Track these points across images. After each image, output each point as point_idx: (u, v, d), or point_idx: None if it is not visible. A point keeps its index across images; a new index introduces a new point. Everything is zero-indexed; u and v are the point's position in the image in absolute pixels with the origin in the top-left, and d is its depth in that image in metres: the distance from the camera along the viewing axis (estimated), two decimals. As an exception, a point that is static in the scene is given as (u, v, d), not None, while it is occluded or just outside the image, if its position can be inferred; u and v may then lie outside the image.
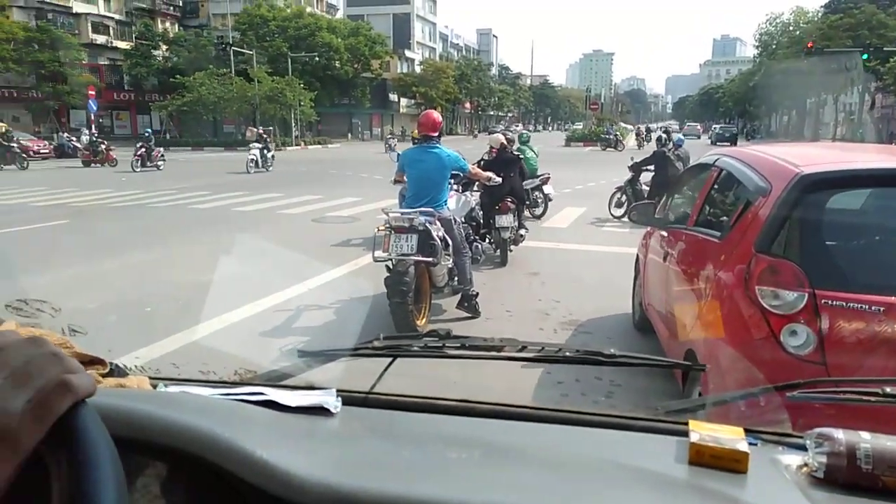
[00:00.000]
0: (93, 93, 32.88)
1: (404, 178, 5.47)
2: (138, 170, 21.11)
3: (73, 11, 46.97)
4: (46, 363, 0.46)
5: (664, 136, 11.76)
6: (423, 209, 4.94)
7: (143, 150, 21.83)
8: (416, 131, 7.08)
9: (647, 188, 10.54)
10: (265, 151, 21.74)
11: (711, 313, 2.82)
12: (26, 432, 0.43)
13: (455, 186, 5.99)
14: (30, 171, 21.88)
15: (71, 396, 0.46)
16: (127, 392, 0.92)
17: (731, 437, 0.89)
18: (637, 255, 5.17)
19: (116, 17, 51.00)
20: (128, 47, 48.39)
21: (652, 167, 10.51)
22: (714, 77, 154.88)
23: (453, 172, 5.42)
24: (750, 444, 0.89)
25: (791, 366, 2.31)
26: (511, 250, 7.35)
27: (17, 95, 41.64)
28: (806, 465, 0.87)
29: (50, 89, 40.67)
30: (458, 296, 5.45)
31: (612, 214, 11.02)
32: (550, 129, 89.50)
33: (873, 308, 2.24)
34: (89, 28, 47.87)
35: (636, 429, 1.00)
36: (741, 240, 2.68)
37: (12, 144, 22.75)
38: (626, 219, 10.47)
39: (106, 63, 48.43)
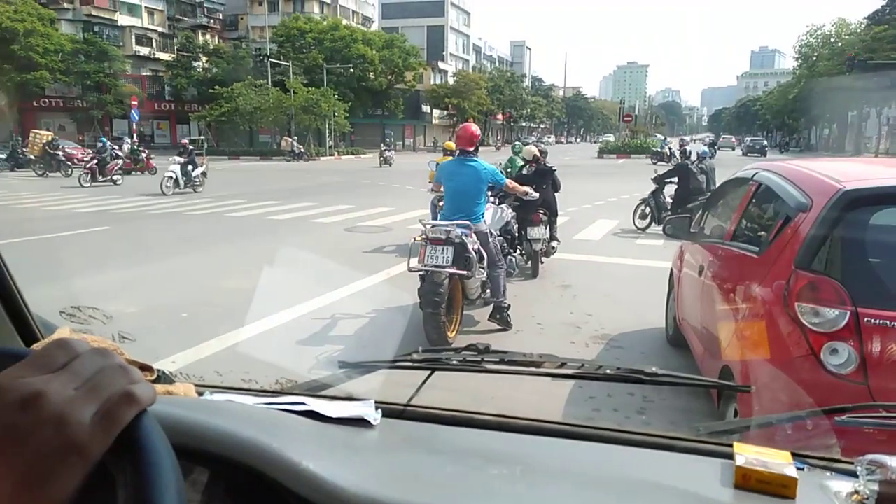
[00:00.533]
0: (135, 103, 33.85)
1: (441, 188, 5.50)
2: (87, 185, 18.35)
3: (119, 24, 48.62)
4: (114, 374, 0.48)
5: (687, 148, 11.98)
6: (459, 222, 4.96)
7: (95, 162, 19.05)
8: (452, 143, 7.11)
9: (671, 200, 10.61)
10: (189, 168, 17.09)
11: (749, 330, 2.77)
12: (95, 442, 0.44)
13: (491, 199, 5.99)
14: (74, 178, 22.56)
15: (136, 407, 0.47)
16: (177, 400, 0.94)
17: (778, 461, 0.87)
18: (671, 270, 5.12)
19: (159, 29, 52.59)
20: (169, 59, 49.84)
21: (675, 179, 10.61)
22: (752, 89, 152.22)
23: (490, 185, 5.43)
24: (798, 468, 0.87)
25: (832, 386, 2.24)
26: (542, 262, 7.35)
27: (64, 105, 43.16)
28: (857, 492, 0.84)
29: (94, 99, 42.09)
30: (488, 307, 5.44)
31: (636, 226, 11.04)
32: (583, 140, 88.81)
33: None
34: (133, 40, 49.45)
35: (678, 449, 0.98)
36: (780, 255, 2.64)
37: (58, 153, 23.49)
38: (647, 230, 10.75)
39: (148, 74, 49.92)
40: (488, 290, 5.42)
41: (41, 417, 0.43)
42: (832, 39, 52.07)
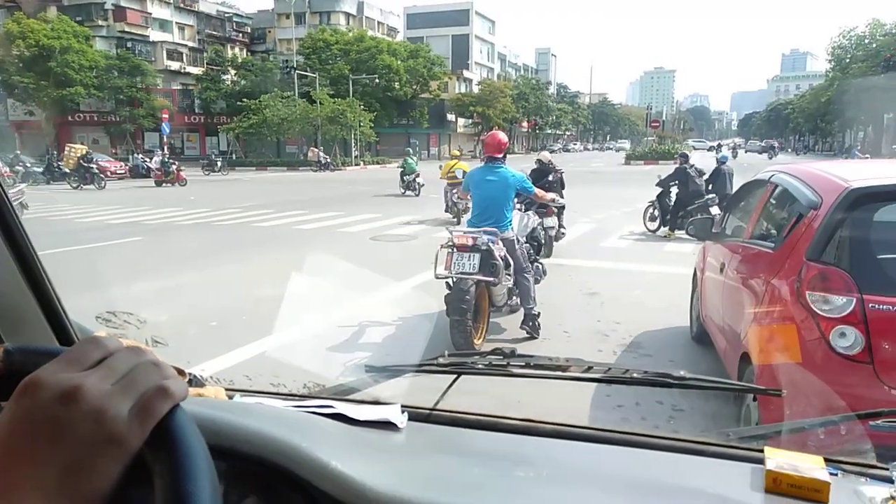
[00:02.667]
0: (166, 116, 34.62)
1: (468, 197, 5.49)
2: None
3: (151, 40, 49.83)
4: (149, 371, 0.49)
5: (687, 153, 12.73)
6: (486, 228, 4.96)
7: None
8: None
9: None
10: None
11: (765, 318, 2.99)
12: (133, 434, 0.46)
13: (518, 206, 5.99)
14: (107, 190, 23.12)
15: (170, 400, 0.49)
16: (208, 401, 0.96)
17: (810, 465, 0.86)
18: (694, 270, 5.24)
19: (189, 44, 53.77)
20: (199, 72, 50.88)
21: (676, 182, 11.23)
22: (783, 93, 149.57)
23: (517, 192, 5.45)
24: (830, 473, 0.86)
25: (840, 366, 2.46)
26: (554, 245, 8.31)
27: (98, 119, 44.34)
28: (892, 497, 0.83)
29: (127, 113, 43.16)
30: (514, 314, 5.45)
31: (647, 228, 11.46)
32: (608, 148, 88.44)
33: None
34: (164, 55, 50.64)
35: (707, 454, 0.97)
36: (793, 249, 2.88)
37: (92, 165, 24.12)
38: (658, 232, 11.27)
39: (178, 87, 51.02)
40: (515, 298, 5.42)
41: (81, 411, 0.44)
42: (866, 41, 50.93)
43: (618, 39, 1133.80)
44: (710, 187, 11.10)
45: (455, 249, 4.85)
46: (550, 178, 9.31)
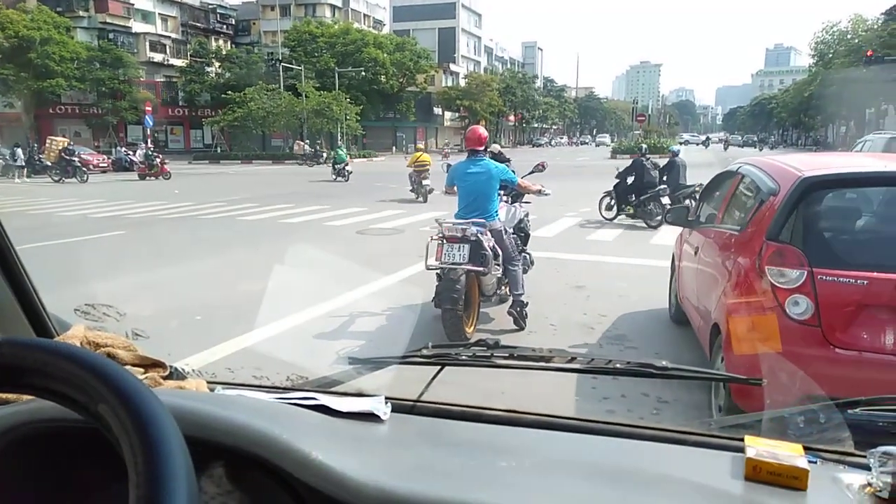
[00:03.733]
0: (149, 109, 34.26)
1: (454, 190, 5.56)
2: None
3: (133, 31, 49.16)
4: None
5: (644, 146, 14.16)
6: (474, 220, 5.06)
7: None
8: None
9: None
10: None
11: (732, 292, 3.37)
12: None
13: (504, 198, 6.04)
14: (89, 183, 22.85)
15: None
16: (187, 393, 0.95)
17: (789, 453, 0.87)
18: (672, 256, 5.62)
19: (173, 35, 53.11)
20: (183, 64, 50.28)
21: (633, 174, 11.89)
22: (767, 87, 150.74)
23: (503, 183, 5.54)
24: (809, 461, 0.87)
25: (793, 329, 2.87)
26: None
27: (79, 112, 43.73)
28: (869, 484, 0.84)
29: (109, 105, 42.59)
30: (502, 305, 5.57)
31: (603, 216, 12.07)
32: (583, 142, 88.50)
33: (859, 281, 2.82)
34: (147, 47, 49.99)
35: (689, 443, 0.98)
36: (755, 231, 3.28)
37: (74, 158, 23.84)
38: (615, 220, 11.87)
39: (162, 80, 50.41)
40: (504, 288, 5.55)
41: None
42: (848, 36, 51.40)
43: (604, 33, 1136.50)
44: (664, 178, 11.68)
45: (445, 241, 4.93)
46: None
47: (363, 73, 47.76)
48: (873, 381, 2.78)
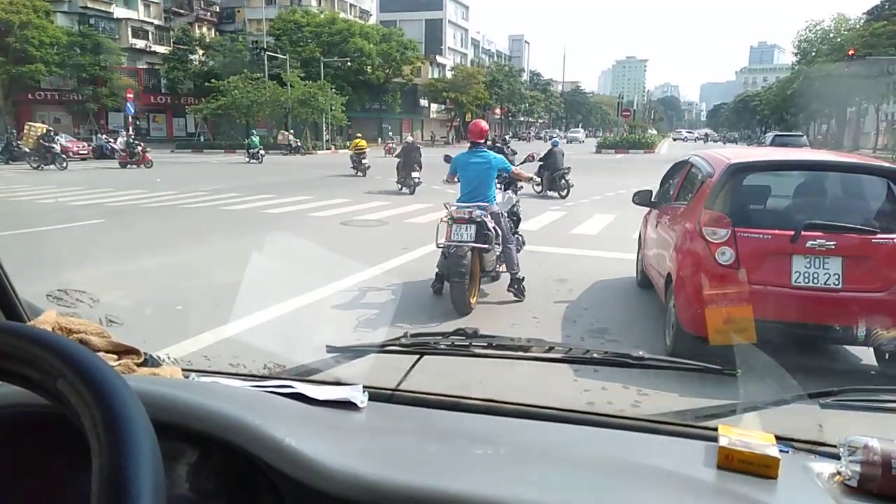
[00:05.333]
0: (131, 96, 33.71)
1: (455, 179, 6.12)
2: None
3: (115, 17, 48.31)
4: None
5: (555, 137, 19.02)
6: (479, 204, 5.63)
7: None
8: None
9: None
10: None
11: (681, 248, 4.44)
12: None
13: (498, 185, 6.46)
14: (69, 171, 22.48)
15: None
16: (160, 379, 0.94)
17: (761, 442, 0.88)
18: (639, 233, 6.59)
19: (156, 21, 52.28)
20: (166, 51, 49.54)
21: (547, 159, 15.02)
22: (750, 84, 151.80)
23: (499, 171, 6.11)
24: (781, 451, 0.88)
25: (721, 271, 4.00)
26: None
27: (59, 98, 42.93)
28: (839, 473, 0.85)
29: (90, 92, 41.87)
30: (495, 282, 6.26)
31: (535, 191, 14.60)
32: (550, 137, 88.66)
33: (765, 236, 4.01)
34: (129, 33, 49.18)
35: (663, 432, 0.99)
36: (697, 203, 4.43)
37: (53, 145, 23.40)
38: (542, 193, 14.75)
39: (144, 67, 49.64)
40: (499, 266, 6.11)
41: None
42: (831, 35, 51.93)
43: (591, 28, 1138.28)
44: (546, 161, 14.86)
45: (454, 222, 5.50)
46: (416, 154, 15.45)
47: (349, 64, 47.37)
48: (773, 304, 3.84)
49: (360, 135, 24.46)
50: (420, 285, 6.43)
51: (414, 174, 15.55)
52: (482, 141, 6.09)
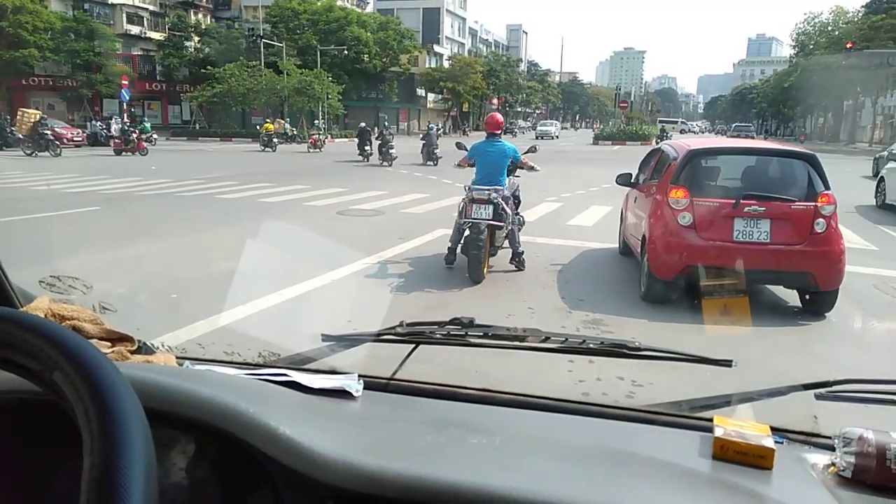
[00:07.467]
0: (125, 82, 33.46)
1: (468, 163, 6.96)
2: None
3: (109, 2, 47.83)
4: None
5: (432, 126, 23.09)
6: (496, 187, 6.39)
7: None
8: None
9: None
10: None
11: (652, 215, 5.70)
12: None
13: None
14: (63, 158, 22.31)
15: None
16: (154, 367, 0.94)
17: (756, 433, 0.88)
18: (621, 210, 7.75)
19: (151, 7, 51.78)
20: (161, 38, 49.11)
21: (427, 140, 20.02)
22: (748, 77, 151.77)
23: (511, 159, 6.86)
24: (776, 442, 0.88)
25: (682, 230, 5.33)
26: None
27: (53, 84, 42.55)
28: (833, 464, 0.85)
29: (84, 78, 41.51)
30: (493, 257, 6.82)
31: (424, 162, 19.18)
32: (579, 126, 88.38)
33: (715, 203, 5.32)
34: (124, 19, 48.70)
35: (659, 423, 0.99)
36: (665, 179, 5.75)
37: (47, 132, 23.19)
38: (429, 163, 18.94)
39: (139, 53, 49.21)
40: (505, 241, 6.80)
41: None
42: (829, 28, 51.88)
43: (589, 19, 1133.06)
44: (424, 141, 20.03)
45: (474, 202, 6.25)
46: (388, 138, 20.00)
47: (346, 52, 47.08)
48: (720, 255, 5.11)
49: (269, 120, 32.15)
50: (416, 274, 6.43)
51: (436, 150, 20.23)
52: (498, 132, 6.89)
